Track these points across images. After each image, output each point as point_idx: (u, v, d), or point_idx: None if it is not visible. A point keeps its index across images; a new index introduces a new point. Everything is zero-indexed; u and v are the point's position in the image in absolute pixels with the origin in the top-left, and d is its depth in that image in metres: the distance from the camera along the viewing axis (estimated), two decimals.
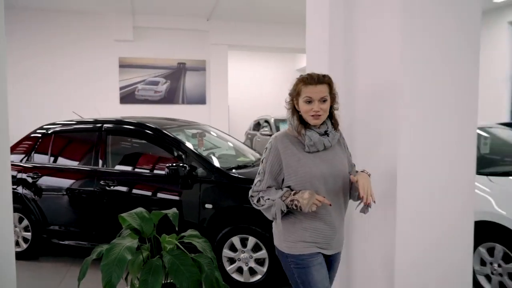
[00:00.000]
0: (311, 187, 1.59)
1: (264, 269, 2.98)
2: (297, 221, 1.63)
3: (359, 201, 1.65)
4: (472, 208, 2.02)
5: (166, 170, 3.16)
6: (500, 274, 2.79)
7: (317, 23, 2.32)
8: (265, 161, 1.66)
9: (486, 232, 2.87)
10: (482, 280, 2.93)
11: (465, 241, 2.02)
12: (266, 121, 8.69)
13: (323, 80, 1.61)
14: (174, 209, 2.10)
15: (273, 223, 1.76)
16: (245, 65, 13.14)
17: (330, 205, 1.57)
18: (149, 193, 3.40)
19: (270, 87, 13.33)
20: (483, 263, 2.93)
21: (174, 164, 3.17)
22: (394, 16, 1.88)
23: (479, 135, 3.89)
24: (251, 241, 2.99)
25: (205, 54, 9.92)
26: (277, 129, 8.11)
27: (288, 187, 1.63)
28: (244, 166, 3.54)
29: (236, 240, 3.04)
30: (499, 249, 2.80)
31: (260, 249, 2.99)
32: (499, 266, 2.80)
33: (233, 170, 3.34)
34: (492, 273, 2.85)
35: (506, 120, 8.32)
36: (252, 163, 3.74)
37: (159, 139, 3.51)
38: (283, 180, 1.65)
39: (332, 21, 2.19)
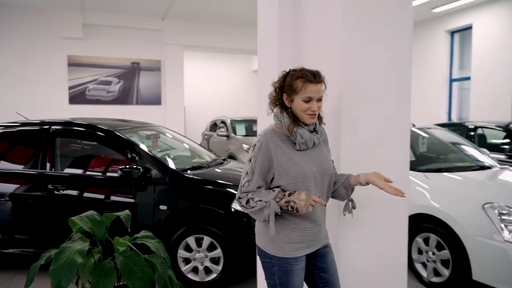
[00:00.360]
0: (303, 186, 1.56)
1: (219, 267, 3.04)
2: (285, 222, 1.59)
3: (346, 201, 1.74)
4: (406, 204, 2.21)
5: (119, 172, 3.12)
6: (434, 261, 3.08)
7: (267, 25, 2.42)
8: (254, 160, 1.56)
9: (423, 223, 3.15)
10: (419, 267, 3.21)
11: (400, 234, 2.19)
12: (223, 122, 8.74)
13: (321, 79, 1.59)
14: (127, 211, 2.10)
15: (257, 223, 1.70)
16: (201, 66, 13.10)
17: (325, 205, 1.57)
18: (101, 196, 3.33)
19: (226, 88, 13.42)
20: (420, 252, 3.21)
21: (127, 166, 3.13)
22: (336, 22, 2.02)
23: (418, 135, 4.24)
24: (206, 240, 3.04)
25: (160, 54, 9.77)
26: (233, 130, 8.19)
27: (278, 186, 1.58)
28: (199, 167, 3.58)
29: (191, 240, 3.07)
30: (433, 238, 3.08)
31: (215, 248, 3.04)
32: (433, 254, 3.08)
33: (188, 171, 3.37)
34: (428, 261, 3.14)
35: (446, 120, 9.04)
36: (207, 164, 3.79)
37: (111, 141, 3.45)
38: (271, 179, 1.59)
39: (281, 22, 2.29)
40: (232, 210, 3.01)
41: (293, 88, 1.56)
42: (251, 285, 3.13)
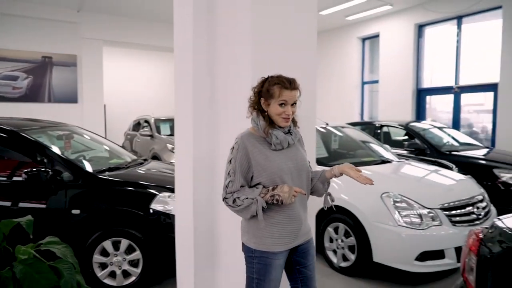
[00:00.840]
0: (280, 181, 1.68)
1: (139, 270, 2.98)
2: (266, 217, 1.69)
3: (324, 196, 1.83)
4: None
5: (24, 176, 2.89)
6: (343, 248, 3.39)
7: (182, 23, 2.45)
8: (234, 161, 1.69)
9: (334, 214, 3.44)
10: (330, 254, 3.50)
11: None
12: (146, 121, 8.47)
13: (296, 86, 1.72)
14: (29, 217, 1.97)
15: (242, 220, 1.80)
16: (123, 63, 12.45)
17: (305, 194, 1.72)
18: (6, 203, 3.03)
19: (150, 86, 12.94)
20: (331, 240, 3.50)
21: (34, 169, 2.91)
22: (245, 33, 2.13)
23: (331, 133, 4.60)
24: (124, 243, 2.96)
25: (75, 49, 9.09)
26: (157, 129, 7.98)
27: (258, 183, 1.70)
28: (117, 168, 3.46)
29: (107, 244, 2.96)
30: (341, 227, 3.39)
31: (134, 251, 2.97)
32: (342, 241, 3.39)
33: (106, 173, 3.24)
34: (337, 248, 3.44)
35: (359, 120, 9.86)
36: (126, 164, 3.67)
37: (15, 142, 3.17)
38: (251, 178, 1.71)
39: (196, 24, 2.33)
40: (151, 211, 2.98)
41: (270, 93, 1.70)
42: (171, 285, 3.12)
